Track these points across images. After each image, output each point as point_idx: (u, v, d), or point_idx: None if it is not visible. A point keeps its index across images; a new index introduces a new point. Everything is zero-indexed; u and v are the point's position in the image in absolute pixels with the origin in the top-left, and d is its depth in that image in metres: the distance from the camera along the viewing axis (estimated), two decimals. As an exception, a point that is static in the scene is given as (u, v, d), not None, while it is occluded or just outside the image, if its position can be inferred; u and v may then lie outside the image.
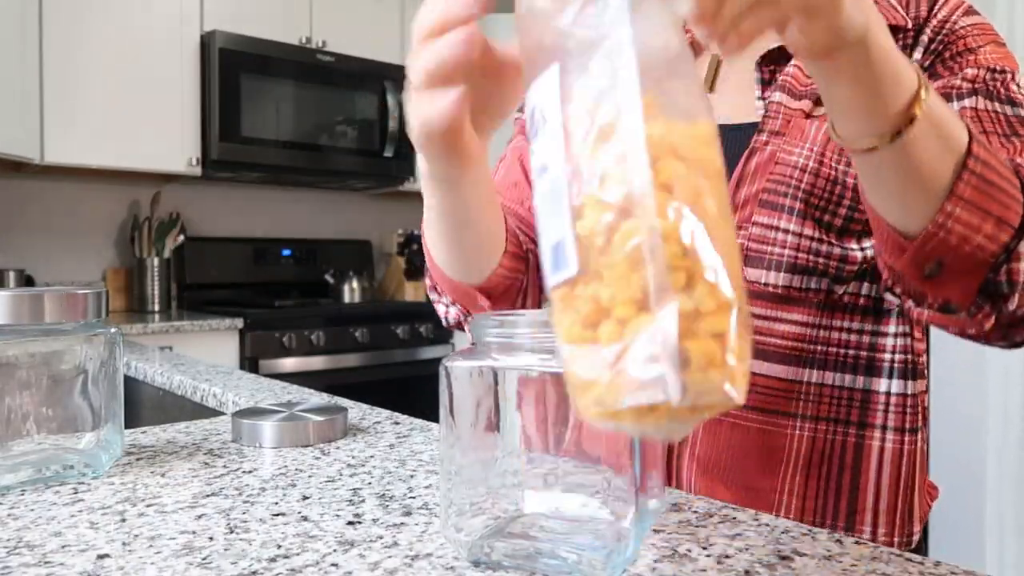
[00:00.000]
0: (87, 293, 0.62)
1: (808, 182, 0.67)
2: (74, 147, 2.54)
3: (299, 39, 3.00)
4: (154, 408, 1.23)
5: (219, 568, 0.44)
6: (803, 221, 0.67)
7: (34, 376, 0.60)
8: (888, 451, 0.70)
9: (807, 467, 0.69)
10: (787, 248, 0.67)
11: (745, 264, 0.68)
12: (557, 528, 0.46)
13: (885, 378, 0.70)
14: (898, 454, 0.70)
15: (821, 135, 0.67)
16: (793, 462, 0.69)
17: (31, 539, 0.49)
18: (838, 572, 0.44)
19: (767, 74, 0.71)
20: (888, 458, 0.70)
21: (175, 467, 0.65)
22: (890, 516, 0.70)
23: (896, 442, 0.70)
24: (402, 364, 2.94)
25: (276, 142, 2.89)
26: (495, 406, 0.44)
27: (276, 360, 2.64)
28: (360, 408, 0.90)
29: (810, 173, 0.67)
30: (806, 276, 0.67)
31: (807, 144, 0.67)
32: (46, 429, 0.61)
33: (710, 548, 0.48)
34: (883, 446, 0.70)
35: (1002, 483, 2.28)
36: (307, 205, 3.43)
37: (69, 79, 2.52)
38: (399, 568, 0.44)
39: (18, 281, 2.60)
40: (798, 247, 0.67)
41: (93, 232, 2.93)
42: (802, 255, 0.67)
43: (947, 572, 0.45)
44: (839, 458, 0.69)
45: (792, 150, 0.68)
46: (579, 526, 0.46)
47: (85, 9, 2.55)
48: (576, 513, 0.46)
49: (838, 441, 0.69)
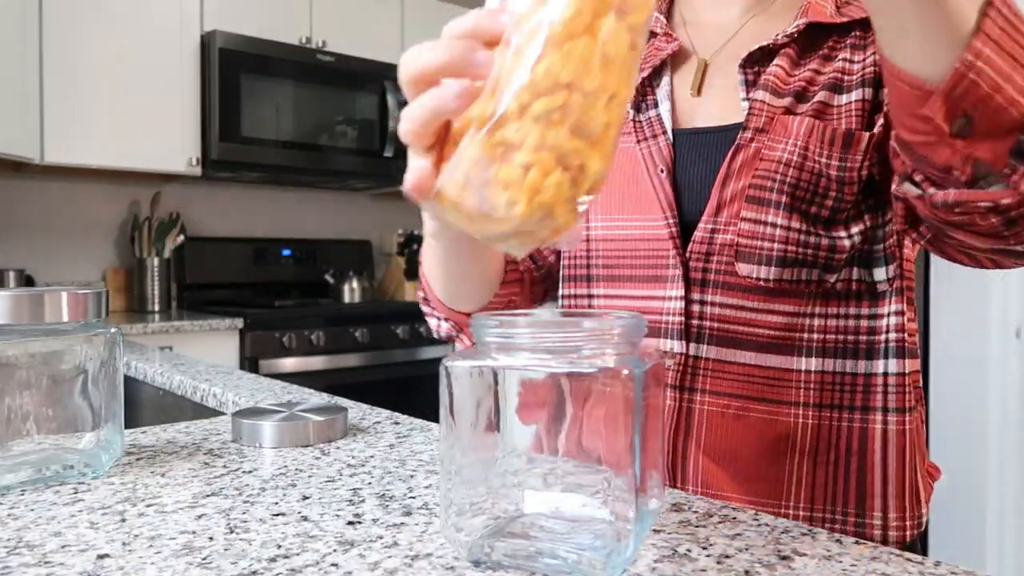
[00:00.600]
0: (87, 293, 0.62)
1: (793, 176, 0.68)
2: (74, 147, 2.54)
3: (299, 39, 3.00)
4: (154, 408, 1.23)
5: (219, 568, 0.44)
6: (790, 215, 0.68)
7: (34, 376, 0.60)
8: (892, 432, 0.70)
9: (814, 454, 0.70)
10: (776, 242, 0.68)
11: (736, 259, 0.70)
12: (557, 528, 0.46)
13: (882, 359, 0.71)
14: (901, 435, 0.71)
15: (804, 130, 0.68)
16: (799, 450, 0.70)
17: (31, 539, 0.49)
18: (838, 572, 0.44)
19: (751, 75, 0.73)
20: (892, 439, 0.70)
21: (175, 467, 0.65)
22: (899, 500, 0.71)
23: (898, 423, 0.71)
24: (402, 364, 2.94)
25: (276, 142, 2.89)
26: (495, 406, 0.44)
27: (276, 360, 2.64)
28: (360, 408, 0.90)
29: (794, 167, 0.68)
30: (797, 268, 0.68)
31: (791, 140, 0.69)
32: (46, 429, 0.61)
33: (710, 548, 0.48)
34: (886, 428, 0.70)
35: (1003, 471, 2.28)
36: (307, 205, 3.43)
37: (69, 79, 2.52)
38: (399, 568, 0.44)
39: (18, 281, 2.60)
40: (787, 240, 0.68)
41: (93, 232, 2.93)
42: (791, 248, 0.68)
43: (947, 572, 0.45)
44: (845, 444, 0.70)
45: (776, 146, 0.69)
46: (579, 526, 0.46)
47: (85, 9, 2.55)
48: (576, 513, 0.46)
49: (843, 427, 0.70)
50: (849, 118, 0.69)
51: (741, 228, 0.69)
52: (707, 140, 0.73)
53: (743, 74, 0.73)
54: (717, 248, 0.70)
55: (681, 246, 0.72)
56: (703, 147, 0.73)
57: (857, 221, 0.69)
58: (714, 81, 0.77)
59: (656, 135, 0.75)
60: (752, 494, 0.70)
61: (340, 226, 3.54)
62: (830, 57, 0.72)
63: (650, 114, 0.77)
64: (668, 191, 0.73)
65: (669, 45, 0.78)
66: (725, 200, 0.70)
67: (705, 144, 0.73)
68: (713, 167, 0.72)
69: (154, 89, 2.70)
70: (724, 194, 0.70)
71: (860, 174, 0.67)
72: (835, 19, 0.71)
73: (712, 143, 0.73)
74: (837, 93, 0.70)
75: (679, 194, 0.73)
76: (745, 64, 0.73)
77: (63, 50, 2.51)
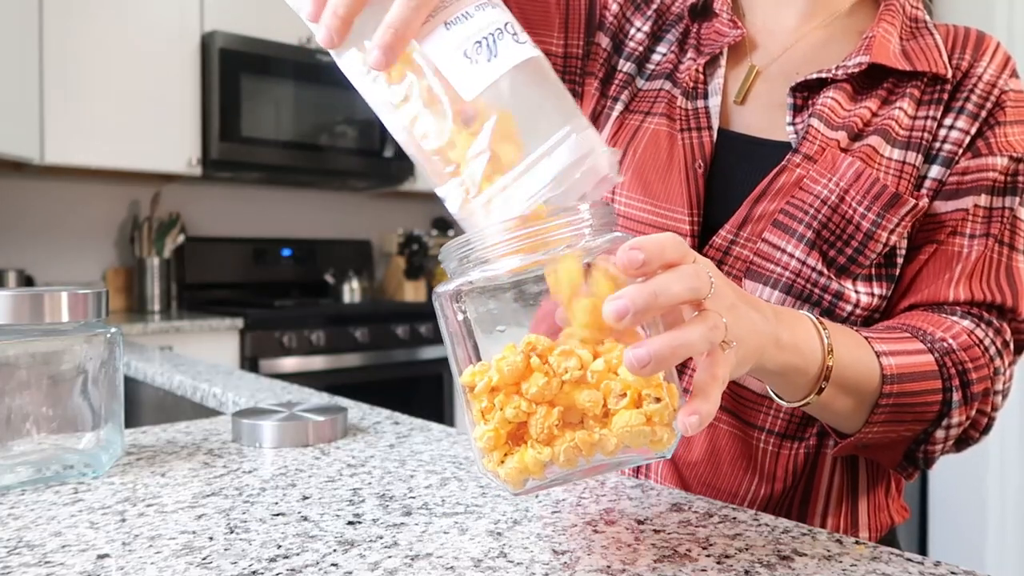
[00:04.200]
0: (87, 293, 0.62)
1: (825, 215, 0.66)
2: (74, 147, 2.54)
3: (299, 39, 3.00)
4: (154, 408, 1.23)
5: (219, 568, 0.44)
6: (809, 250, 0.66)
7: (34, 376, 0.60)
8: (842, 459, 0.70)
9: (771, 479, 0.69)
10: (788, 271, 0.67)
11: (745, 275, 0.68)
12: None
13: None
14: (848, 460, 0.71)
15: (851, 173, 0.66)
16: (758, 472, 0.69)
17: (31, 539, 0.49)
18: (838, 572, 0.44)
19: (800, 100, 0.70)
20: (844, 465, 0.71)
21: (175, 467, 0.65)
22: (835, 520, 0.71)
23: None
24: (402, 364, 2.94)
25: (276, 142, 2.89)
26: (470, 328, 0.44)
27: (276, 360, 2.64)
28: (360, 408, 0.90)
29: (828, 207, 0.66)
30: (799, 302, 0.67)
31: (834, 178, 0.67)
32: (46, 429, 0.61)
33: (710, 548, 0.48)
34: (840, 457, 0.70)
35: (1003, 471, 2.28)
36: (307, 205, 3.43)
37: (69, 79, 2.52)
38: (399, 568, 0.44)
39: (18, 281, 2.60)
40: (799, 273, 0.66)
41: (93, 232, 2.93)
42: (800, 281, 0.67)
43: (947, 572, 0.45)
44: (802, 468, 0.70)
45: (819, 179, 0.67)
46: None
47: (85, 9, 2.55)
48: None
49: (800, 454, 0.69)
50: (891, 175, 0.67)
51: (760, 248, 0.68)
52: (751, 150, 0.71)
53: (793, 98, 0.70)
54: (730, 260, 0.69)
55: (696, 247, 0.70)
56: (746, 155, 0.71)
57: (868, 282, 0.68)
58: (759, 90, 0.74)
59: (701, 128, 0.72)
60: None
61: (340, 226, 3.54)
62: (888, 101, 0.69)
63: (698, 104, 0.73)
64: (700, 189, 0.70)
65: (732, 33, 0.74)
66: (753, 216, 0.68)
67: (748, 153, 0.71)
68: (750, 179, 0.69)
69: (154, 89, 2.70)
70: (754, 210, 0.68)
71: (889, 237, 0.66)
72: (900, 65, 0.69)
73: (756, 154, 0.71)
74: (887, 142, 0.68)
75: (708, 195, 0.71)
76: (797, 87, 0.70)
77: (63, 50, 2.51)
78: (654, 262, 0.41)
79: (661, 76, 0.77)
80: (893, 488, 0.75)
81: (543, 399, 0.41)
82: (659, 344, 0.40)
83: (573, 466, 0.42)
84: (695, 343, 0.41)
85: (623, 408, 0.41)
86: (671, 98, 0.74)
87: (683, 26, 0.79)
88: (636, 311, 0.40)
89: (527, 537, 0.49)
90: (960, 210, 0.68)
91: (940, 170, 0.68)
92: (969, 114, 0.68)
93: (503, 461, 0.42)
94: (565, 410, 0.42)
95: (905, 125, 0.69)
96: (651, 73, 0.78)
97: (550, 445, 0.41)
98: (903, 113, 0.69)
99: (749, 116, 0.73)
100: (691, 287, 0.42)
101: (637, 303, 0.40)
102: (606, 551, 0.47)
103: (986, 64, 0.70)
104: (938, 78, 0.69)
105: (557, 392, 0.41)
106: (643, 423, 0.41)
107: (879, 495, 0.74)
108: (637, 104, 0.77)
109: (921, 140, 0.68)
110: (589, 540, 0.49)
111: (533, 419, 0.42)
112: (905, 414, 0.62)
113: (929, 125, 0.68)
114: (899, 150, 0.68)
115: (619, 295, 0.40)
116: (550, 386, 0.41)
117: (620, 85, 0.79)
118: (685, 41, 0.78)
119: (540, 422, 0.41)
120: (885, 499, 0.74)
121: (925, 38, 0.71)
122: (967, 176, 0.68)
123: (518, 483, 0.43)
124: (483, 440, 0.42)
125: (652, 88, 0.77)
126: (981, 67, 0.70)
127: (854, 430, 0.63)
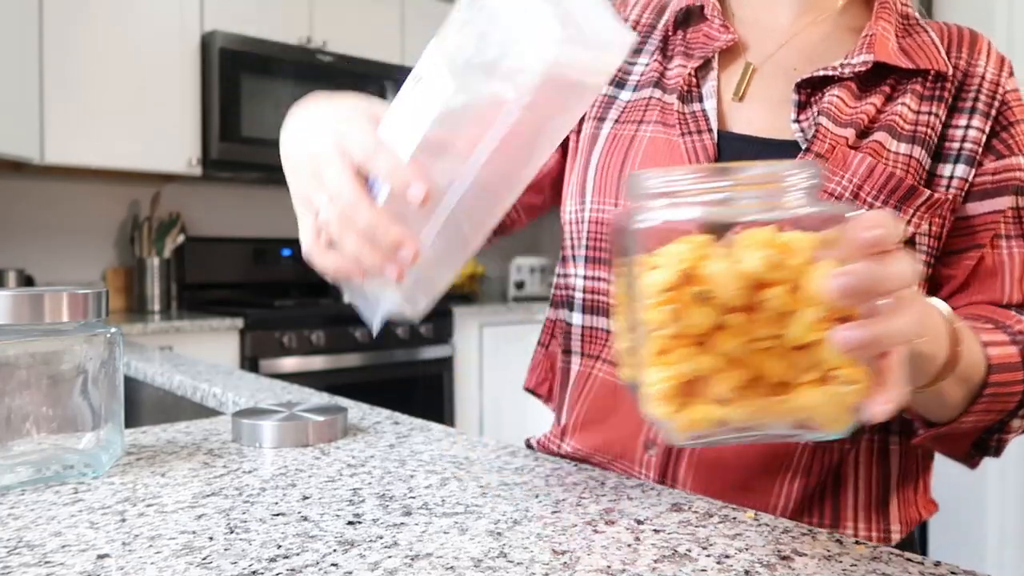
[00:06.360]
0: (87, 293, 0.62)
1: None
2: (74, 147, 2.54)
3: (299, 39, 3.00)
4: (154, 408, 1.23)
5: (219, 568, 0.44)
6: None
7: (34, 376, 0.60)
8: (875, 451, 0.71)
9: (807, 472, 0.69)
10: None
11: None
12: None
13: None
14: (881, 453, 0.71)
15: (863, 169, 0.66)
16: (792, 468, 0.69)
17: (31, 539, 0.49)
18: (838, 572, 0.44)
19: (804, 97, 0.70)
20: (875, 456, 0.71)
21: (175, 467, 0.65)
22: (867, 511, 0.71)
23: (879, 441, 0.71)
24: (402, 364, 2.94)
25: (276, 142, 2.86)
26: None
27: (276, 360, 2.64)
28: (360, 408, 0.90)
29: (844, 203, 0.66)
30: None
31: (847, 175, 0.67)
32: (46, 429, 0.61)
33: (710, 548, 0.48)
34: (871, 447, 0.70)
35: (1004, 471, 2.28)
36: (307, 205, 3.43)
37: (69, 79, 2.52)
38: (399, 568, 0.44)
39: (18, 281, 2.60)
40: None
41: (93, 232, 2.93)
42: None
43: (947, 572, 0.45)
44: (831, 462, 0.70)
45: (831, 178, 0.67)
46: None
47: (85, 9, 2.55)
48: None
49: (834, 447, 0.69)
50: (899, 169, 0.67)
51: None
52: (755, 150, 0.71)
53: (798, 95, 0.70)
54: None
55: None
56: (748, 156, 0.70)
57: None
58: (758, 89, 0.73)
59: (701, 131, 0.72)
60: (736, 503, 0.69)
61: (340, 226, 3.53)
62: (892, 98, 0.70)
63: (695, 108, 0.73)
64: None
65: (723, 37, 0.74)
66: None
67: (751, 154, 0.70)
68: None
69: (154, 89, 2.70)
70: None
71: (905, 229, 0.66)
72: (903, 63, 0.69)
73: (764, 155, 0.70)
74: (893, 137, 0.68)
75: None
76: (801, 84, 0.70)
77: (63, 50, 2.51)
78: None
79: (648, 85, 0.77)
80: (922, 483, 0.75)
81: (733, 358, 0.40)
82: (873, 331, 0.40)
83: (747, 431, 0.41)
84: (906, 335, 0.41)
85: (811, 381, 0.40)
86: (664, 104, 0.74)
87: (661, 34, 0.79)
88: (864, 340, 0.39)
89: (527, 537, 0.49)
90: (996, 211, 0.69)
91: (966, 169, 0.69)
92: (982, 113, 0.69)
93: (677, 409, 0.41)
94: (750, 371, 0.41)
95: (909, 120, 0.69)
96: (636, 84, 0.78)
97: (731, 405, 0.41)
98: (907, 108, 0.69)
99: (749, 114, 0.73)
100: (915, 332, 0.42)
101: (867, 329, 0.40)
102: (606, 551, 0.47)
103: (984, 63, 0.70)
104: (940, 75, 0.69)
105: (748, 354, 0.40)
106: (834, 403, 0.40)
107: (908, 490, 0.74)
108: (627, 115, 0.77)
109: (926, 136, 0.68)
110: (589, 540, 0.49)
111: (718, 376, 0.41)
112: (997, 403, 0.61)
113: (932, 121, 0.69)
114: (905, 144, 0.68)
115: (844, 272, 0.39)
116: (747, 346, 0.40)
117: (603, 106, 0.79)
118: (667, 48, 0.78)
119: (726, 382, 0.40)
120: (914, 494, 0.74)
121: (920, 35, 0.72)
122: (996, 176, 0.69)
123: (684, 434, 0.42)
124: (658, 386, 0.41)
125: (640, 98, 0.77)
126: (980, 66, 0.70)
127: (949, 419, 0.62)
